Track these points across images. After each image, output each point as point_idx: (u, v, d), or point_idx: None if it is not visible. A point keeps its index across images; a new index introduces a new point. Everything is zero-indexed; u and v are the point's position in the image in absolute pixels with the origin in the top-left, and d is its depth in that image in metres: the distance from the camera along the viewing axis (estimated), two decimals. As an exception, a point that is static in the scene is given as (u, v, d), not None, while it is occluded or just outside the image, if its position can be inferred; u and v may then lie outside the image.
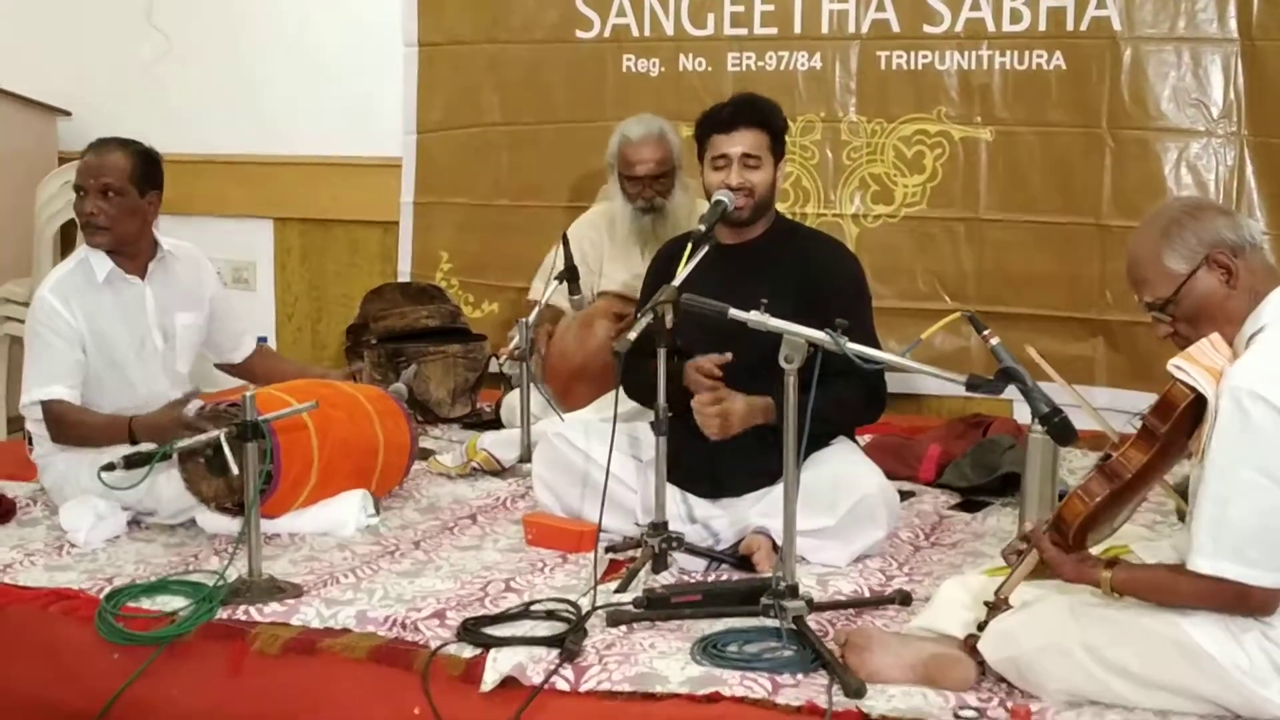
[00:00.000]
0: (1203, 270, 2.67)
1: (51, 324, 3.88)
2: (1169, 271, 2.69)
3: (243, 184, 6.16)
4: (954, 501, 4.19)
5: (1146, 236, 2.74)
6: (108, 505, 3.80)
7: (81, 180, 3.92)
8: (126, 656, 3.16)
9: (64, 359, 3.87)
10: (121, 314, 3.99)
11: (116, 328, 3.97)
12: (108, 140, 3.98)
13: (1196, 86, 4.89)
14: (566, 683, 2.87)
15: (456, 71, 5.85)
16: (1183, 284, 2.68)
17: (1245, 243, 2.68)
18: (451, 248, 5.94)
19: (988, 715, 2.66)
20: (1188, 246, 2.67)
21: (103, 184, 3.89)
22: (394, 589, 3.36)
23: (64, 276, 3.97)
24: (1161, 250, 2.69)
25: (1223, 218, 2.70)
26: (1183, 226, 2.69)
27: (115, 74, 6.31)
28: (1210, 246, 2.66)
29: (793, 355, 2.96)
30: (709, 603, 3.19)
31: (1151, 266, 2.71)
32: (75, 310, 3.89)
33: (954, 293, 5.25)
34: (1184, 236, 2.68)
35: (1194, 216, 2.70)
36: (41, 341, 3.89)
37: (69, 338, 3.88)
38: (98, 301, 3.94)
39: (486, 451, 4.44)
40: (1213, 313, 2.68)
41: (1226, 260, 2.66)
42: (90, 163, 3.92)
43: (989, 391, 2.93)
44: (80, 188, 3.92)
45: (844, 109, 5.35)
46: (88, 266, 3.96)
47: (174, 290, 4.11)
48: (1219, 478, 2.53)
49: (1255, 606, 2.54)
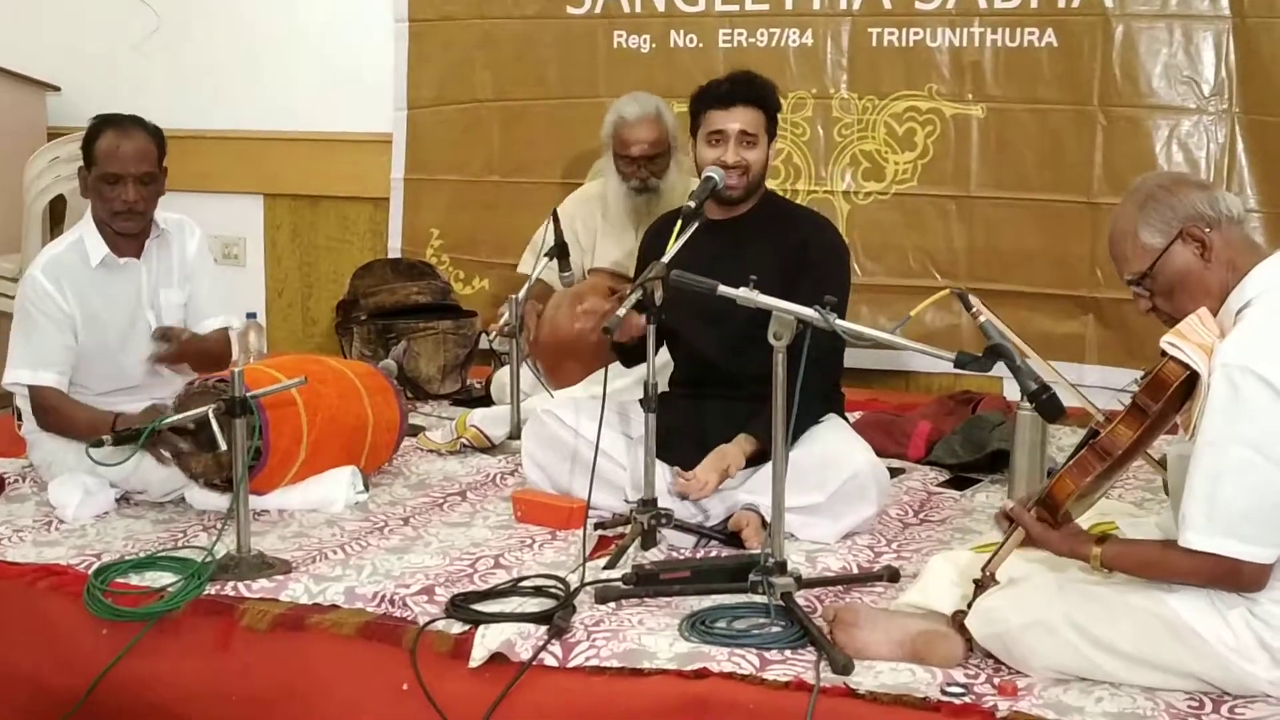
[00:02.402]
0: (1177, 244, 2.67)
1: (42, 306, 3.84)
2: (1145, 245, 2.70)
3: (233, 160, 6.13)
4: (943, 478, 4.20)
5: (1124, 212, 2.75)
6: (96, 482, 3.79)
7: (119, 168, 3.82)
8: (115, 632, 3.16)
9: (53, 343, 3.85)
10: (114, 296, 3.96)
11: (109, 309, 3.94)
12: (123, 121, 3.89)
13: (1188, 64, 4.88)
14: (555, 659, 2.87)
15: (447, 47, 5.83)
16: (1158, 258, 2.68)
17: (1222, 216, 2.68)
18: (442, 224, 5.92)
19: (975, 691, 2.67)
20: (1163, 220, 2.68)
21: (142, 172, 3.84)
22: (383, 565, 3.36)
23: (57, 256, 3.92)
24: (1138, 224, 2.70)
25: (1198, 191, 2.71)
26: (1158, 201, 2.70)
27: (105, 49, 6.28)
28: (1185, 220, 2.67)
29: (782, 332, 2.96)
30: (697, 579, 3.20)
31: (1129, 241, 2.72)
32: (67, 292, 3.85)
33: (945, 270, 5.25)
34: (1159, 210, 2.69)
35: (1169, 191, 2.71)
36: (31, 322, 3.86)
37: (59, 322, 3.85)
38: (91, 283, 3.91)
39: (476, 428, 4.44)
40: (1189, 286, 2.68)
41: (1200, 234, 2.66)
42: (126, 150, 3.83)
43: (977, 369, 2.93)
44: (116, 176, 3.82)
45: (835, 85, 5.34)
46: (82, 248, 3.92)
47: (165, 267, 4.08)
48: (1212, 454, 2.53)
49: (1246, 582, 2.55)
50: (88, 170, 3.88)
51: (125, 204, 3.84)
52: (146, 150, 3.87)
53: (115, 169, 3.83)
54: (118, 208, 3.85)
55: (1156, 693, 2.63)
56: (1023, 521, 2.77)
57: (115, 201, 3.84)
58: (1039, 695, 2.64)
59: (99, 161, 3.84)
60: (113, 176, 3.83)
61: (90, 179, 3.87)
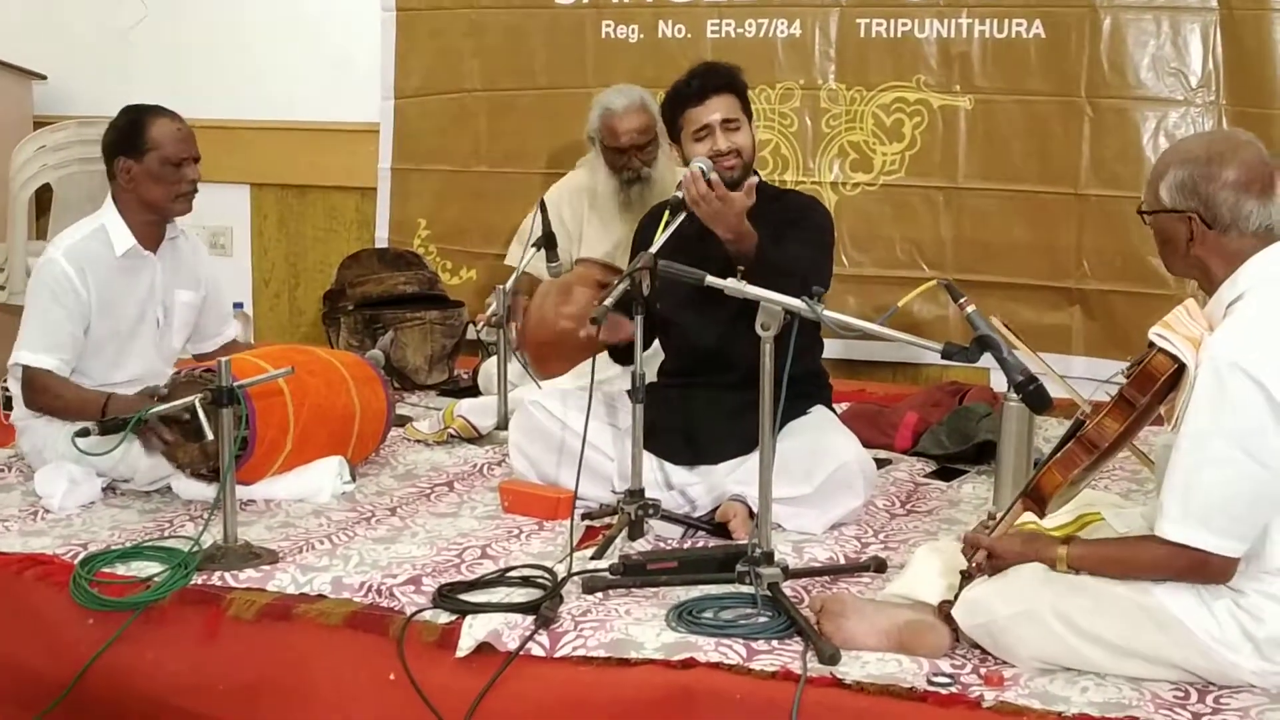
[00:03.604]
0: (1176, 214, 2.66)
1: (58, 291, 3.85)
2: (1156, 193, 2.68)
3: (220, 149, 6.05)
4: (930, 469, 4.20)
5: (1175, 151, 2.72)
6: (82, 471, 3.79)
7: (185, 151, 3.94)
8: (101, 622, 3.16)
9: (62, 330, 3.85)
10: (131, 287, 3.98)
11: (124, 300, 3.97)
12: (164, 109, 3.99)
13: (1175, 55, 4.89)
14: (542, 649, 2.87)
15: (435, 37, 5.83)
16: (1155, 211, 2.69)
17: (1237, 226, 2.62)
18: (430, 214, 5.92)
19: (961, 681, 2.67)
20: (1182, 189, 2.64)
21: (196, 153, 3.97)
22: (370, 555, 3.36)
23: (80, 242, 3.92)
24: (1168, 172, 2.67)
25: (1237, 194, 2.61)
26: (1196, 170, 2.63)
27: (92, 38, 6.26)
28: (1196, 206, 2.64)
29: (769, 323, 2.96)
30: (685, 569, 3.20)
31: (1155, 177, 2.70)
32: (89, 278, 3.87)
33: (932, 261, 5.26)
34: (1184, 178, 2.64)
35: (1214, 170, 2.62)
36: (43, 305, 3.86)
37: (72, 310, 3.85)
38: (111, 273, 3.92)
39: (463, 418, 4.44)
40: (1167, 250, 2.72)
41: (1196, 226, 2.64)
42: (185, 132, 3.96)
43: (964, 359, 2.93)
44: (181, 158, 3.92)
45: (823, 76, 5.34)
46: (105, 236, 3.93)
47: (179, 267, 4.12)
48: (1193, 447, 2.54)
49: (1212, 575, 2.56)
50: (132, 159, 3.90)
51: (192, 184, 3.96)
52: (194, 134, 4.01)
53: (182, 152, 3.93)
54: (185, 189, 3.96)
55: (1142, 683, 2.64)
56: (980, 544, 2.77)
57: (182, 183, 3.94)
58: (1025, 685, 2.65)
59: (160, 146, 3.90)
60: (177, 159, 3.91)
61: (142, 166, 3.90)
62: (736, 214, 3.45)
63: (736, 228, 3.47)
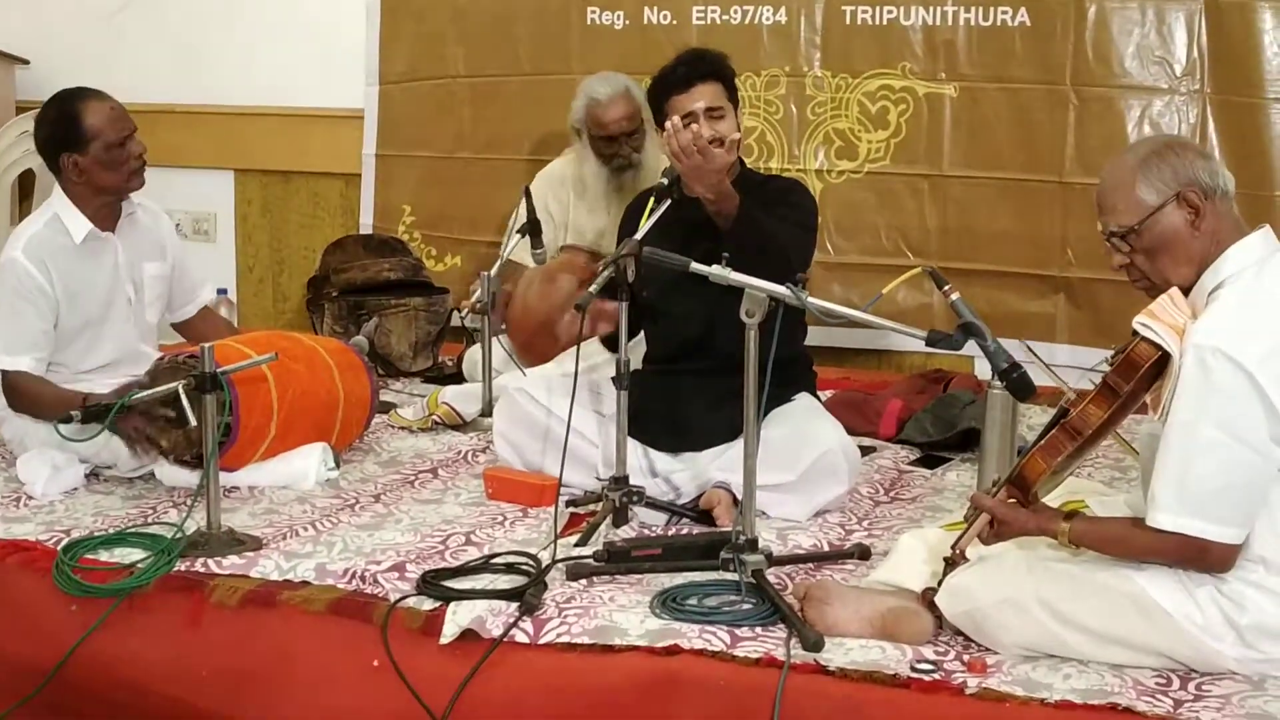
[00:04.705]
0: (1171, 206, 2.65)
1: (23, 289, 3.82)
2: (1139, 201, 2.67)
3: (203, 135, 6.10)
4: (914, 457, 4.21)
5: (1123, 164, 2.73)
6: (65, 457, 3.78)
7: (124, 129, 3.89)
8: (84, 609, 3.15)
9: (32, 328, 3.83)
10: (96, 271, 3.96)
11: (90, 287, 3.94)
12: (87, 90, 3.93)
13: (1160, 44, 4.89)
14: (526, 635, 2.87)
15: (420, 22, 5.81)
16: (1149, 215, 2.67)
17: (1218, 189, 2.67)
18: (414, 200, 5.91)
19: (944, 668, 2.68)
20: (1162, 179, 2.66)
21: (133, 125, 3.93)
22: (354, 542, 3.36)
23: (36, 235, 3.89)
24: (1136, 178, 2.67)
25: (1201, 160, 2.69)
26: (1162, 159, 2.67)
27: (75, 22, 6.23)
28: (1184, 184, 2.65)
29: (754, 310, 2.96)
30: (669, 556, 3.20)
31: (1123, 193, 2.69)
32: (50, 271, 3.84)
33: (917, 248, 5.26)
34: (1160, 169, 2.66)
35: (1175, 152, 2.69)
36: (10, 306, 3.83)
37: (40, 307, 3.83)
38: (73, 261, 3.90)
39: (448, 405, 4.44)
40: (1173, 250, 2.67)
41: (1197, 200, 2.64)
42: (117, 109, 3.91)
43: (948, 347, 2.93)
44: (121, 139, 3.87)
45: (809, 64, 5.33)
46: (59, 225, 3.90)
47: (140, 241, 4.09)
48: (1182, 435, 2.54)
49: (1213, 562, 2.56)
50: (77, 153, 3.85)
51: (140, 158, 3.92)
52: (124, 107, 3.95)
53: (122, 130, 3.89)
54: (135, 165, 3.92)
55: (1125, 670, 2.65)
56: (986, 507, 2.77)
57: (131, 160, 3.91)
58: (1008, 672, 2.66)
59: (101, 133, 3.85)
60: (120, 139, 3.87)
61: (89, 157, 3.86)
62: (717, 170, 3.45)
63: (718, 186, 3.47)
